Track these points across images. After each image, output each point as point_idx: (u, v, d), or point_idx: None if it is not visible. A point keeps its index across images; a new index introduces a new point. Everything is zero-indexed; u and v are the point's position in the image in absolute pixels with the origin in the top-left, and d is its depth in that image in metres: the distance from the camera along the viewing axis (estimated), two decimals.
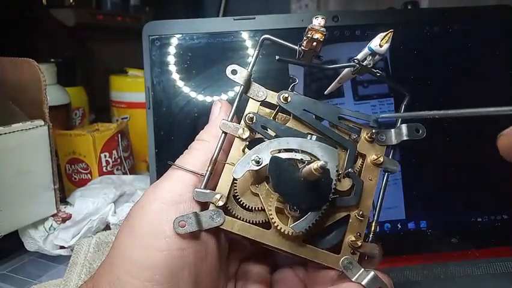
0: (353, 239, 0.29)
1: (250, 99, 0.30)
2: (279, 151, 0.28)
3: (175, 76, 0.50)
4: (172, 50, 0.50)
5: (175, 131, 0.49)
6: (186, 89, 0.50)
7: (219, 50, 0.49)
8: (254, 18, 0.49)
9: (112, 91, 0.75)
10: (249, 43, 0.50)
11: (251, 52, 0.50)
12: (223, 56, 0.50)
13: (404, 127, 0.31)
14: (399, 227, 0.49)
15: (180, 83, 0.50)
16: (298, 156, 0.28)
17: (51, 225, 0.49)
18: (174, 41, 0.50)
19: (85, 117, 0.76)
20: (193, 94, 0.50)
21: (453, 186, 0.50)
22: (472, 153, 0.50)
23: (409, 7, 0.75)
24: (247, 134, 0.29)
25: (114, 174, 0.62)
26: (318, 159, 0.28)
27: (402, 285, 0.44)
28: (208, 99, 0.50)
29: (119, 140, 0.63)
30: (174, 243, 0.26)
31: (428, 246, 0.49)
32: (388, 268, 0.31)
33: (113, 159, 0.62)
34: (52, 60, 0.69)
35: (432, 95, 0.50)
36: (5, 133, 0.45)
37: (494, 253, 0.47)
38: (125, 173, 0.64)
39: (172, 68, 0.50)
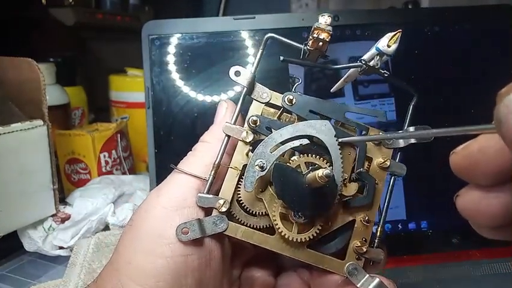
0: (358, 244, 0.28)
1: (253, 100, 0.30)
2: (277, 146, 0.28)
3: (175, 76, 0.50)
4: (171, 49, 0.49)
5: (175, 131, 0.49)
6: (186, 89, 0.50)
7: (219, 49, 0.49)
8: (254, 18, 0.49)
9: (112, 91, 0.75)
10: (249, 43, 0.49)
11: (251, 51, 0.50)
12: (223, 55, 0.50)
13: (411, 129, 0.30)
14: (400, 227, 0.49)
15: (180, 83, 0.50)
16: (297, 143, 0.27)
17: (50, 226, 0.49)
18: (174, 40, 0.49)
19: (84, 117, 0.76)
20: (192, 94, 0.50)
21: (454, 186, 0.50)
22: None
23: (410, 6, 0.75)
24: (250, 137, 0.29)
25: (113, 174, 0.62)
26: (313, 141, 0.28)
27: (403, 286, 0.44)
28: (208, 99, 0.50)
29: (119, 140, 0.63)
30: (178, 250, 0.26)
31: (429, 247, 0.49)
32: (389, 269, 0.30)
33: (112, 159, 0.62)
34: (51, 60, 0.69)
35: (433, 94, 0.50)
36: (4, 133, 0.44)
37: (495, 253, 0.47)
38: (124, 173, 0.64)
39: (172, 67, 0.49)
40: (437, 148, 0.50)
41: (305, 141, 0.28)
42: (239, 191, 0.29)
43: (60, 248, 0.47)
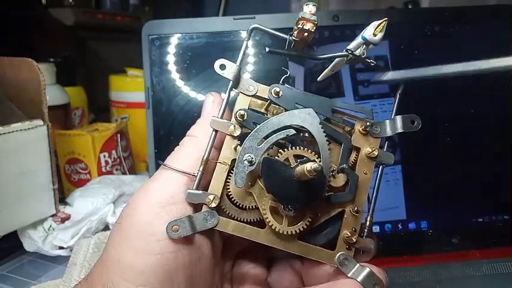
0: (348, 234, 0.28)
1: (240, 93, 0.29)
2: (264, 139, 0.27)
3: (175, 76, 0.50)
4: (171, 49, 0.49)
5: (175, 131, 0.49)
6: (186, 89, 0.50)
7: (219, 49, 0.49)
8: (254, 18, 0.49)
9: (112, 91, 0.75)
10: (249, 42, 0.49)
11: (251, 51, 0.50)
12: (223, 55, 0.49)
13: (398, 118, 0.30)
14: (400, 227, 0.49)
15: (180, 83, 0.50)
16: (283, 134, 0.27)
17: (50, 226, 0.49)
18: (174, 40, 0.49)
19: (84, 117, 0.76)
20: (192, 94, 0.50)
21: (454, 186, 0.50)
22: (473, 153, 0.50)
23: (410, 6, 0.75)
24: (238, 131, 0.28)
25: (113, 174, 0.62)
26: (299, 131, 0.28)
27: (402, 286, 0.44)
28: None
29: (119, 140, 0.63)
30: (167, 247, 0.26)
31: (428, 247, 0.49)
32: (389, 269, 0.30)
33: (112, 159, 0.62)
34: (51, 60, 0.69)
35: (432, 94, 0.50)
36: (4, 133, 0.44)
37: (495, 253, 0.47)
38: (124, 173, 0.64)
39: (172, 67, 0.49)
40: (437, 147, 0.50)
41: (291, 131, 0.28)
42: (228, 185, 0.29)
43: (60, 248, 0.47)
